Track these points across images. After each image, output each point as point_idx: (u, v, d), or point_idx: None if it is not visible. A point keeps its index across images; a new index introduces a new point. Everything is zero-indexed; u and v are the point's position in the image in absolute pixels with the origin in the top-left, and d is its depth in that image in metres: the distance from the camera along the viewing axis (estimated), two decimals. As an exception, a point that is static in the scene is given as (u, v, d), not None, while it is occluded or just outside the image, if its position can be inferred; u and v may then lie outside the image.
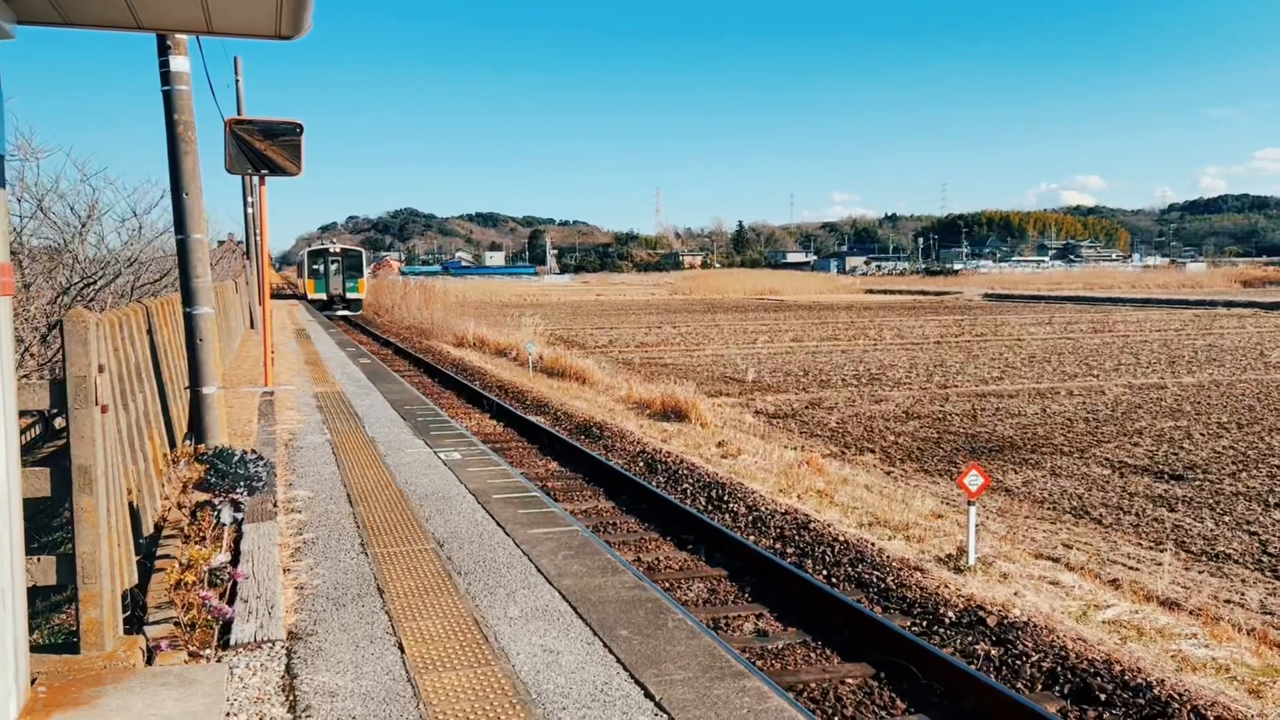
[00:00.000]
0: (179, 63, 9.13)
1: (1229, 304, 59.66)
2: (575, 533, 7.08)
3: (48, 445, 11.65)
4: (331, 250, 54.00)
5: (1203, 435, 16.70)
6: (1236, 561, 10.04)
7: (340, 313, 51.56)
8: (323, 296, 52.27)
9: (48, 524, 8.61)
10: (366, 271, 56.02)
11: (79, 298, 13.74)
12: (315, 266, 52.67)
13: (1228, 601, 8.82)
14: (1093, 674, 6.58)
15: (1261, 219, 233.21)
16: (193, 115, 9.37)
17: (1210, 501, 12.32)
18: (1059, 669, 6.76)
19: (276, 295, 65.12)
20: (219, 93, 39.66)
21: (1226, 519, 11.55)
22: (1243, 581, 9.45)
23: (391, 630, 5.16)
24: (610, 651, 4.84)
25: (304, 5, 4.10)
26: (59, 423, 12.36)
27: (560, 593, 5.73)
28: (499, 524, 7.31)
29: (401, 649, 4.89)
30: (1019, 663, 6.94)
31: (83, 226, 14.97)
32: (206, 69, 29.87)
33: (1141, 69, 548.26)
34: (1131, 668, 6.55)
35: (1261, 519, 11.51)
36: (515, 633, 5.11)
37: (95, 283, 14.41)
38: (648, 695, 4.36)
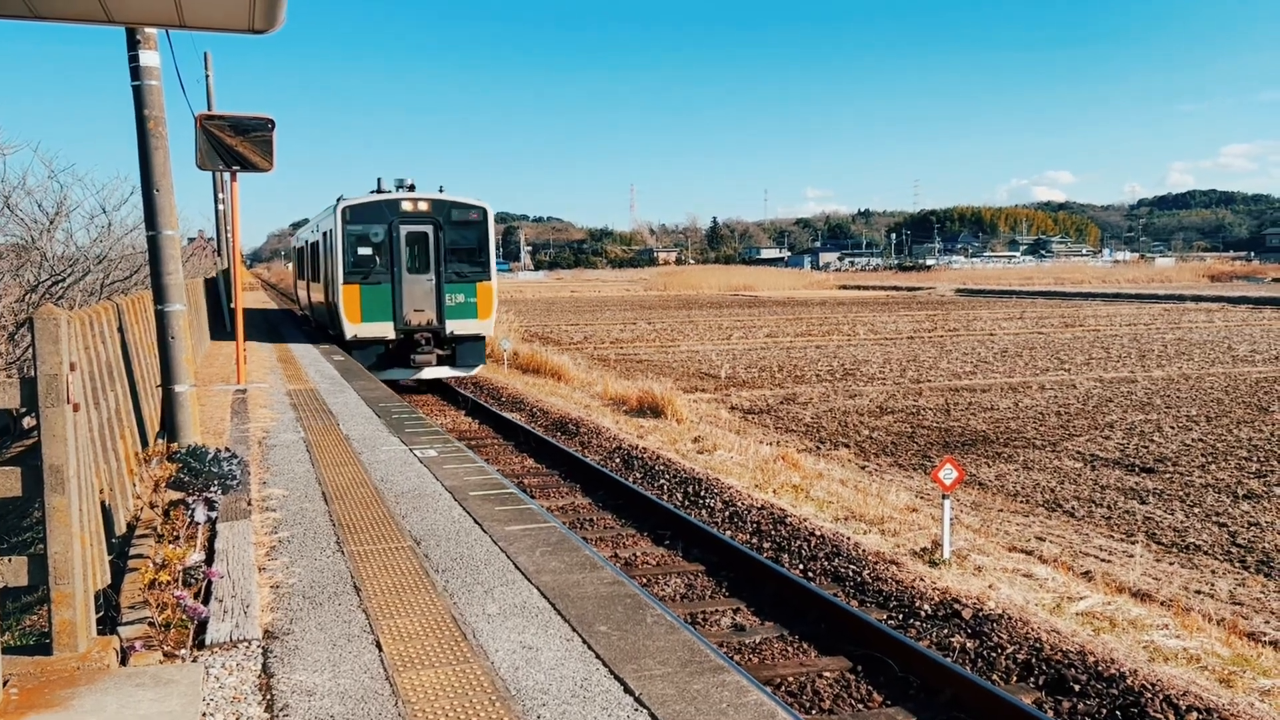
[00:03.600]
0: (149, 57, 9.03)
1: (1197, 298, 60.32)
2: (553, 529, 7.07)
3: (15, 445, 11.51)
4: (408, 208, 21.55)
5: (1172, 428, 16.89)
6: (1206, 553, 10.16)
7: (432, 373, 22.09)
8: (382, 330, 21.30)
9: (18, 524, 8.51)
10: (494, 264, 22.60)
11: (47, 295, 13.58)
12: (364, 250, 21.31)
13: (1198, 592, 8.93)
14: (1067, 665, 6.65)
15: (1229, 214, 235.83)
16: (163, 111, 9.26)
17: (1180, 494, 12.46)
18: (1034, 661, 6.82)
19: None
20: (189, 87, 38.96)
21: (1196, 511, 11.69)
22: (1213, 572, 9.57)
23: (369, 628, 5.13)
24: (589, 647, 4.84)
25: (276, 0, 4.06)
26: (28, 422, 12.21)
27: (538, 589, 5.72)
28: (476, 521, 7.29)
29: (379, 647, 4.87)
30: (994, 655, 7.00)
31: (50, 223, 14.80)
32: (176, 64, 29.55)
33: (1110, 64, 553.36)
34: (1105, 659, 6.62)
35: (1230, 510, 11.65)
36: (494, 630, 5.10)
37: (64, 280, 14.25)
38: (627, 690, 4.36)
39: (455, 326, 21.50)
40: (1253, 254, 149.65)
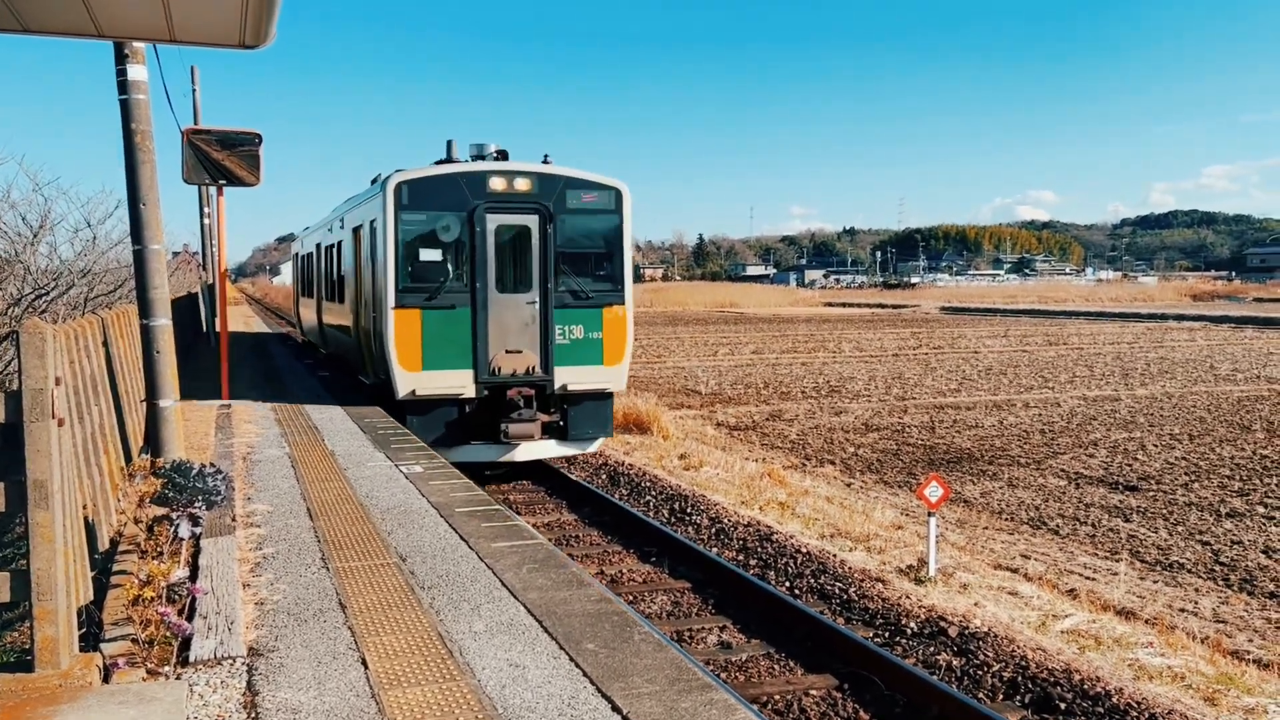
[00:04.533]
0: (137, 71, 9.02)
1: (1179, 317, 60.78)
2: (540, 546, 7.05)
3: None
4: (498, 186, 13.82)
5: (1156, 446, 16.98)
6: (1190, 571, 10.21)
7: (533, 451, 14.02)
8: (456, 383, 13.62)
9: (-1, 540, 8.43)
10: (630, 279, 14.82)
11: (30, 309, 13.50)
12: (428, 253, 13.77)
13: (1182, 610, 8.97)
14: (1053, 683, 6.66)
15: (1210, 234, 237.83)
16: (150, 125, 9.25)
17: (1164, 512, 12.52)
18: (1020, 679, 6.83)
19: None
20: (175, 100, 38.69)
21: (1180, 529, 11.75)
22: (1196, 590, 9.61)
23: (354, 646, 5.10)
24: (577, 665, 4.82)
25: (268, 15, 4.07)
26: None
27: (525, 606, 5.70)
28: (462, 537, 7.26)
29: (365, 665, 4.84)
30: (980, 673, 7.00)
31: (34, 237, 14.72)
32: (164, 78, 29.41)
33: (1091, 84, 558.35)
34: (1090, 677, 6.64)
35: (1213, 529, 11.71)
36: (480, 647, 5.07)
37: (48, 294, 14.17)
38: (615, 709, 4.34)
39: (569, 377, 13.84)
40: (1234, 274, 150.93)
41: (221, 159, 14.57)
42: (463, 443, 13.63)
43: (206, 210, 34.17)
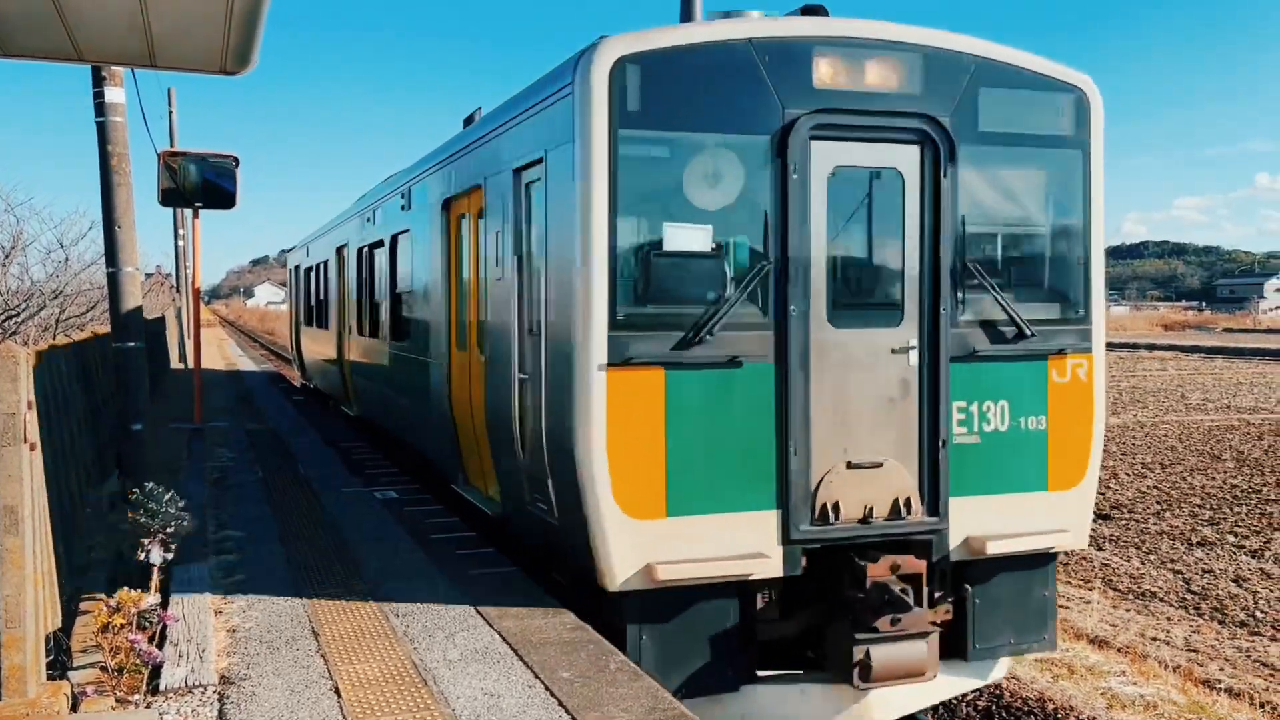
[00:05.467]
0: (114, 94, 9.00)
1: (1151, 347, 61.33)
2: (515, 573, 7.02)
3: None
4: (828, 75, 5.89)
5: (1128, 475, 17.12)
6: (1162, 599, 10.29)
7: (907, 699, 6.17)
8: (741, 541, 5.85)
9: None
10: (1099, 287, 7.16)
11: (0, 330, 13.38)
12: (682, 236, 5.86)
13: (1154, 639, 9.03)
14: (1026, 713, 6.68)
15: (1181, 265, 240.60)
16: (127, 147, 9.23)
17: (1136, 540, 12.62)
18: (994, 708, 6.85)
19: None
20: (151, 120, 38.40)
21: (1152, 558, 11.84)
22: (1168, 619, 9.68)
23: (328, 674, 5.05)
24: (552, 694, 4.80)
25: (250, 42, 4.09)
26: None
27: (500, 634, 5.67)
28: (437, 564, 7.22)
29: (338, 693, 4.80)
30: (955, 701, 7.01)
31: (6, 257, 14.63)
32: (140, 100, 29.35)
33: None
34: (1064, 706, 6.67)
35: (1185, 558, 11.81)
36: (455, 676, 5.04)
37: (18, 315, 14.05)
38: (590, 739, 4.32)
39: (978, 519, 6.39)
40: (1204, 304, 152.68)
41: (198, 182, 14.50)
42: (746, 679, 6.29)
43: (181, 232, 33.99)
